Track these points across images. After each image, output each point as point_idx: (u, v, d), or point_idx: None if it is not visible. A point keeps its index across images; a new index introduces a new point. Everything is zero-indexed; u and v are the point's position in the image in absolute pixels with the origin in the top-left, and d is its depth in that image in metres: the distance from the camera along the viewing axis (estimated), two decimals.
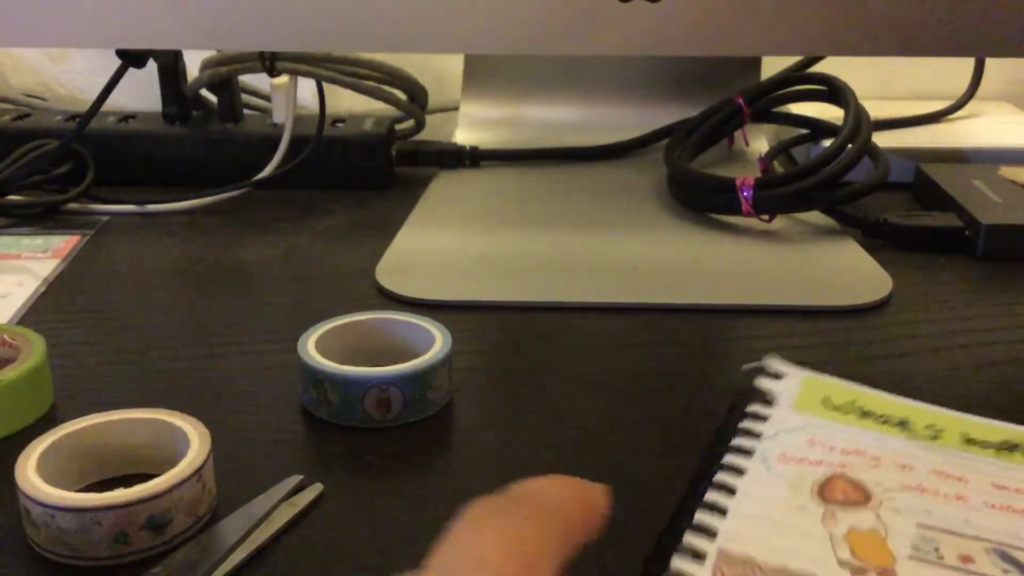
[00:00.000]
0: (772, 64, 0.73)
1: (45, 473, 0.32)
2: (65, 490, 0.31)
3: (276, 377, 0.43)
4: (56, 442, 0.34)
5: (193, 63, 0.67)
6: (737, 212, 0.57)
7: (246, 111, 0.69)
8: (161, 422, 0.35)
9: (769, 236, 0.57)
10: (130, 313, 0.49)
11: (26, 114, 0.70)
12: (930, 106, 0.75)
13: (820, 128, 0.66)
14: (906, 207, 0.63)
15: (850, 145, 0.57)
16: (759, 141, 0.70)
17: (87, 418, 0.35)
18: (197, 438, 0.34)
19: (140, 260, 0.56)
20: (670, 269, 0.53)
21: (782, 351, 0.45)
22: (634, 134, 0.70)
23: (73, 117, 0.69)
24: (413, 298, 0.50)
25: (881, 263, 0.54)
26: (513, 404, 0.41)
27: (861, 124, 0.58)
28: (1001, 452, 0.34)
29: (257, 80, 0.68)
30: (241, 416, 0.40)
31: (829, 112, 0.64)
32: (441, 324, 0.42)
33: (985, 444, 0.34)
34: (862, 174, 0.57)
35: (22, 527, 0.32)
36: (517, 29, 0.47)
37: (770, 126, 0.72)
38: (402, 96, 0.68)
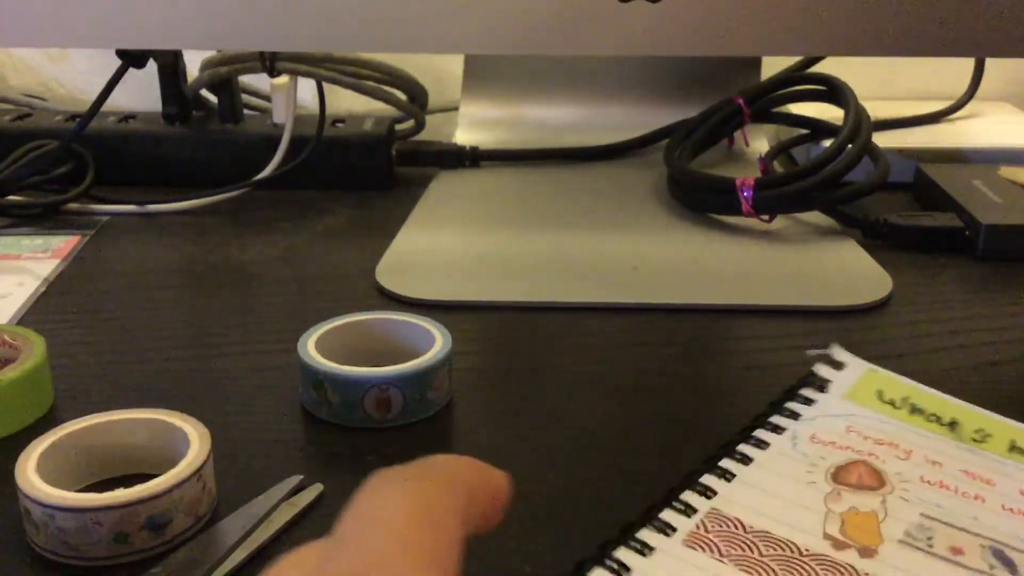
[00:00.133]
0: (772, 64, 0.73)
1: (45, 473, 0.32)
2: (65, 490, 0.31)
3: (276, 377, 0.43)
4: (56, 442, 0.34)
5: (193, 63, 0.67)
6: (737, 212, 0.57)
7: (246, 111, 0.69)
8: (161, 422, 0.35)
9: (769, 236, 0.57)
10: (130, 313, 0.49)
11: (26, 114, 0.70)
12: (930, 106, 0.75)
13: (820, 128, 0.66)
14: (906, 207, 0.63)
15: (850, 145, 0.57)
16: (759, 141, 0.70)
17: (87, 418, 0.35)
18: (197, 438, 0.34)
19: (140, 260, 0.56)
20: (670, 269, 0.53)
21: (782, 351, 0.45)
22: (634, 134, 0.70)
23: (73, 117, 0.69)
24: (413, 298, 0.50)
25: (881, 263, 0.54)
26: (513, 404, 0.41)
27: (861, 124, 0.58)
28: None
29: (257, 80, 0.68)
30: (241, 416, 0.40)
31: (829, 112, 0.64)
32: (441, 324, 0.42)
33: None
34: (862, 174, 0.57)
35: (22, 527, 0.32)
36: (517, 29, 0.47)
37: (770, 126, 0.72)
38: (402, 96, 0.68)
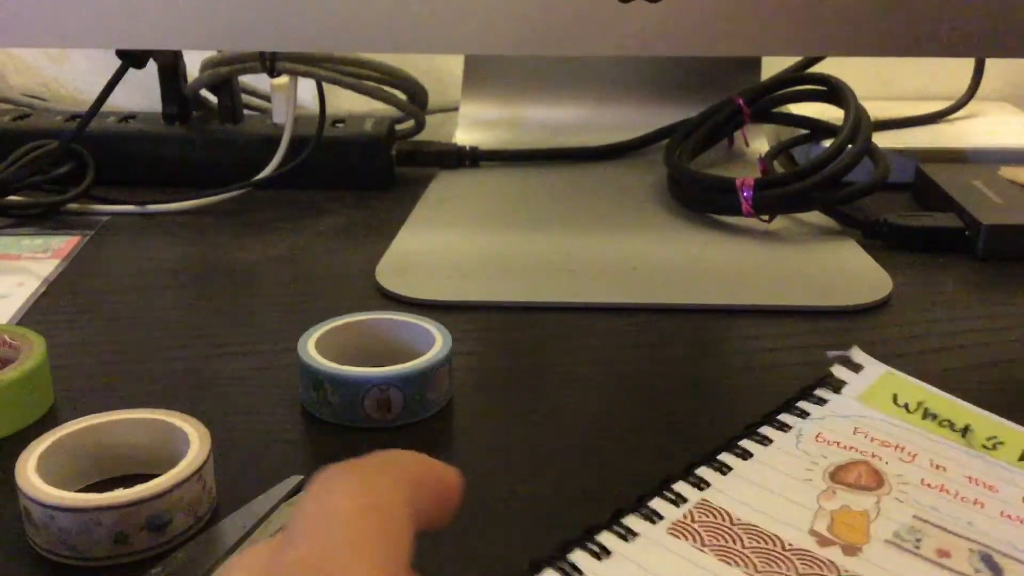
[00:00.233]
0: (772, 64, 0.73)
1: (45, 473, 0.32)
2: (65, 490, 0.31)
3: (276, 377, 0.43)
4: (56, 442, 0.34)
5: (193, 63, 0.67)
6: (737, 212, 0.57)
7: (246, 111, 0.69)
8: (161, 422, 0.35)
9: (769, 236, 0.57)
10: (130, 313, 0.49)
11: (26, 114, 0.70)
12: (930, 106, 0.75)
13: (820, 128, 0.66)
14: (906, 207, 0.63)
15: (850, 145, 0.57)
16: (759, 141, 0.70)
17: (87, 418, 0.35)
18: (197, 438, 0.34)
19: (140, 260, 0.56)
20: (670, 269, 0.53)
21: (782, 351, 0.45)
22: (634, 134, 0.70)
23: (73, 117, 0.69)
24: (413, 298, 0.50)
25: (881, 263, 0.54)
26: (513, 404, 0.41)
27: (861, 124, 0.58)
28: None
29: (257, 80, 0.68)
30: (241, 416, 0.40)
31: (829, 112, 0.64)
32: (441, 324, 0.42)
33: None
34: (862, 174, 0.57)
35: (22, 527, 0.32)
36: (517, 29, 0.47)
37: (770, 126, 0.72)
38: (402, 96, 0.68)
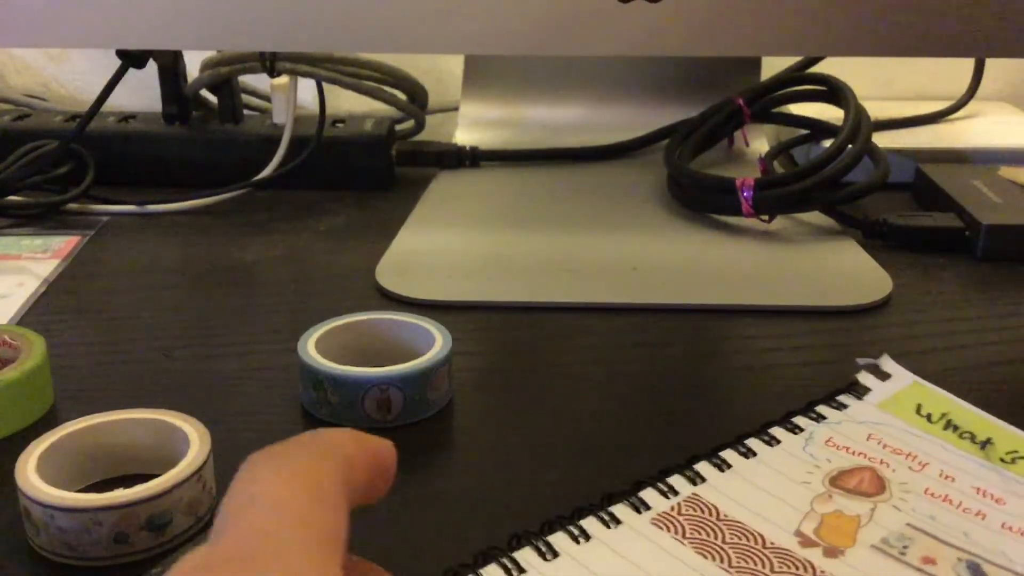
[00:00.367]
0: (772, 64, 0.73)
1: (45, 473, 0.32)
2: (65, 490, 0.31)
3: (276, 377, 0.43)
4: (56, 442, 0.34)
5: (193, 63, 0.67)
6: (737, 212, 0.57)
7: (246, 111, 0.69)
8: (161, 422, 0.35)
9: (769, 236, 0.57)
10: (130, 313, 0.49)
11: (26, 114, 0.70)
12: (930, 106, 0.75)
13: (820, 128, 0.66)
14: (906, 207, 0.63)
15: (850, 145, 0.57)
16: (759, 141, 0.70)
17: (87, 418, 0.35)
18: (197, 438, 0.34)
19: (140, 260, 0.56)
20: (670, 269, 0.53)
21: (782, 351, 0.45)
22: (634, 134, 0.70)
23: (73, 117, 0.69)
24: (413, 298, 0.50)
25: (881, 263, 0.54)
26: (513, 404, 0.41)
27: (861, 124, 0.58)
28: None
29: (257, 80, 0.68)
30: (241, 416, 0.40)
31: (829, 112, 0.64)
32: (441, 324, 0.42)
33: None
34: (862, 174, 0.57)
35: (22, 527, 0.32)
36: (517, 29, 0.47)
37: (770, 126, 0.72)
38: (402, 96, 0.68)
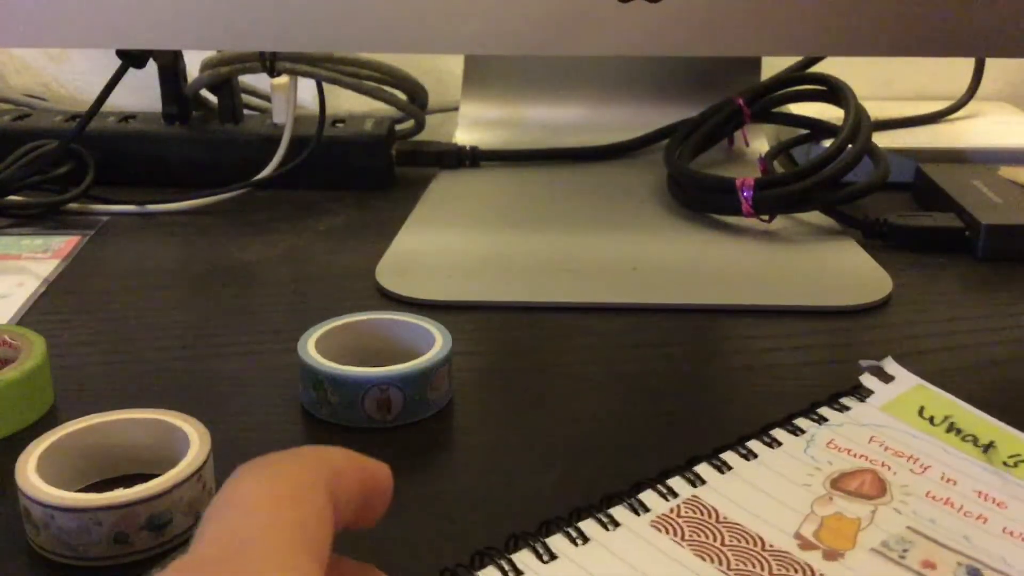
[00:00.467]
0: (772, 64, 0.73)
1: (45, 473, 0.32)
2: (65, 490, 0.31)
3: (276, 377, 0.43)
4: (56, 442, 0.34)
5: (193, 63, 0.67)
6: (737, 212, 0.57)
7: (246, 111, 0.69)
8: (161, 422, 0.35)
9: (769, 236, 0.57)
10: (130, 313, 0.49)
11: (26, 114, 0.70)
12: (930, 106, 0.75)
13: (820, 128, 0.66)
14: (906, 207, 0.63)
15: (850, 145, 0.57)
16: (759, 141, 0.70)
17: (87, 418, 0.35)
18: (197, 438, 0.34)
19: (140, 260, 0.56)
20: (670, 269, 0.53)
21: (782, 351, 0.45)
22: (634, 134, 0.70)
23: (73, 117, 0.69)
24: (413, 298, 0.50)
25: (881, 263, 0.54)
26: (513, 404, 0.41)
27: (861, 124, 0.58)
28: None
29: (257, 80, 0.68)
30: (241, 416, 0.40)
31: (829, 112, 0.64)
32: (441, 324, 0.42)
33: None
34: (862, 174, 0.57)
35: (22, 527, 0.32)
36: (517, 29, 0.47)
37: (770, 126, 0.72)
38: (402, 96, 0.68)
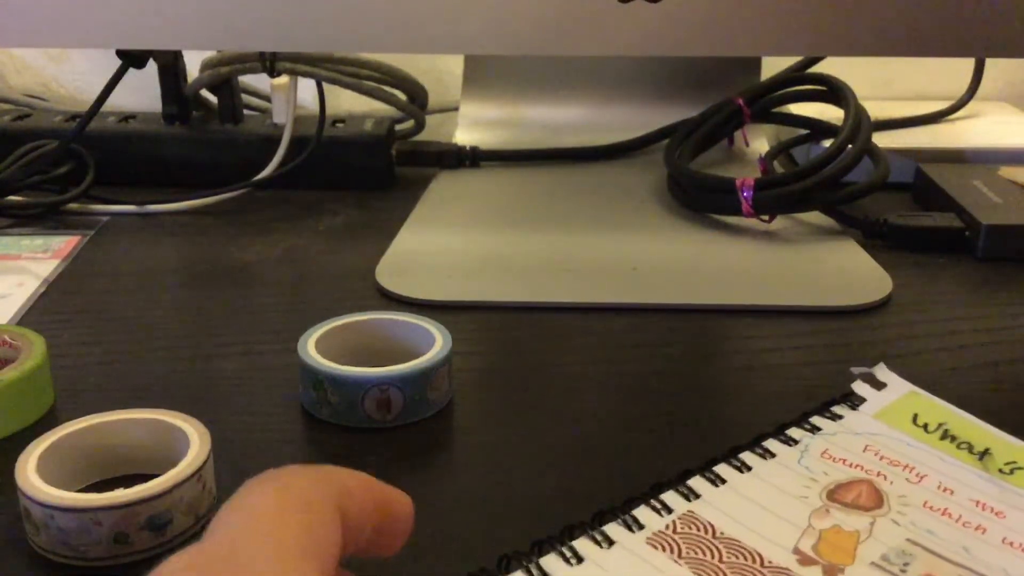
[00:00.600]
0: (772, 64, 0.73)
1: (45, 473, 0.32)
2: (65, 490, 0.31)
3: (276, 377, 0.43)
4: (56, 442, 0.34)
5: (193, 63, 0.67)
6: (737, 212, 0.57)
7: (246, 111, 0.69)
8: (161, 422, 0.35)
9: (769, 236, 0.57)
10: (130, 313, 0.49)
11: (26, 114, 0.70)
12: (930, 106, 0.75)
13: (820, 128, 0.66)
14: (906, 207, 0.63)
15: (850, 145, 0.57)
16: (759, 141, 0.70)
17: (87, 418, 0.35)
18: (197, 438, 0.34)
19: (140, 260, 0.56)
20: (670, 269, 0.53)
21: (782, 351, 0.45)
22: (634, 134, 0.70)
23: (73, 117, 0.69)
24: (413, 298, 0.50)
25: (881, 263, 0.54)
26: (513, 404, 0.41)
27: (861, 124, 0.58)
28: None
29: (257, 80, 0.68)
30: (241, 416, 0.40)
31: (829, 112, 0.64)
32: (441, 324, 0.42)
33: None
34: (862, 174, 0.57)
35: (22, 527, 0.32)
36: (517, 29, 0.47)
37: (770, 126, 0.72)
38: (402, 96, 0.68)
